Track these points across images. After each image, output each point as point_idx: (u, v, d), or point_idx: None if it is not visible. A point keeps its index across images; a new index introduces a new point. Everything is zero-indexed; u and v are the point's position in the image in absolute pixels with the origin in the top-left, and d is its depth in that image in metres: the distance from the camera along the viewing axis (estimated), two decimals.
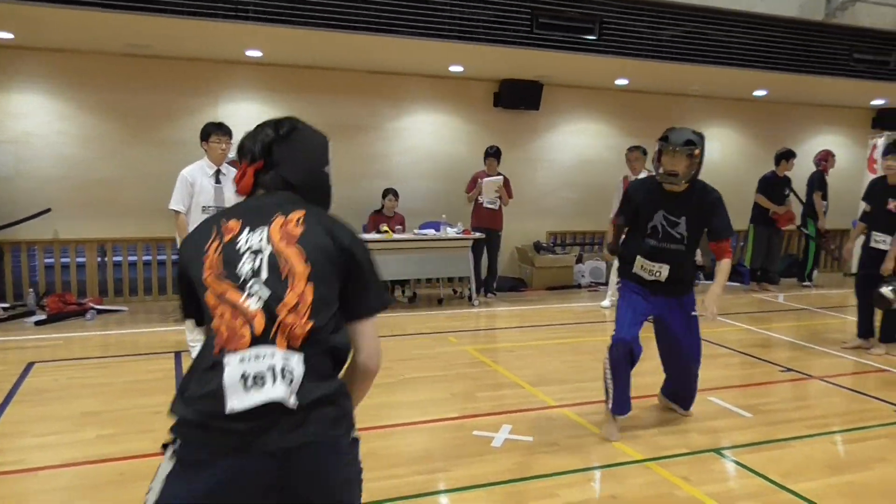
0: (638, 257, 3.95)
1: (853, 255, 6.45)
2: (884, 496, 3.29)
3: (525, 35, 7.15)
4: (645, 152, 8.18)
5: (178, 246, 1.76)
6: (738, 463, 3.66)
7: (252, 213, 1.73)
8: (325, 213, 1.79)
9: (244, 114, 8.11)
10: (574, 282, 9.37)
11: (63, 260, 7.66)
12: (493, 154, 8.18)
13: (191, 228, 4.35)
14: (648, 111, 10.08)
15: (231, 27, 6.41)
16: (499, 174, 8.24)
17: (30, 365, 5.21)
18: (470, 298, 8.05)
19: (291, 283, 1.63)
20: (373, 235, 7.58)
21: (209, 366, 1.58)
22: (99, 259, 7.72)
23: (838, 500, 3.24)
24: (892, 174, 5.78)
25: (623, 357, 3.94)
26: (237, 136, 7.68)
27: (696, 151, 3.68)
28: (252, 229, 1.70)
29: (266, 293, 1.62)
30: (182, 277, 1.76)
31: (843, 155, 10.98)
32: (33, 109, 7.49)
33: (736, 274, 9.52)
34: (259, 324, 1.59)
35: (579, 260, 9.52)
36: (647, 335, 4.18)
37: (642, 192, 3.95)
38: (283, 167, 1.81)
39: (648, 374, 5.37)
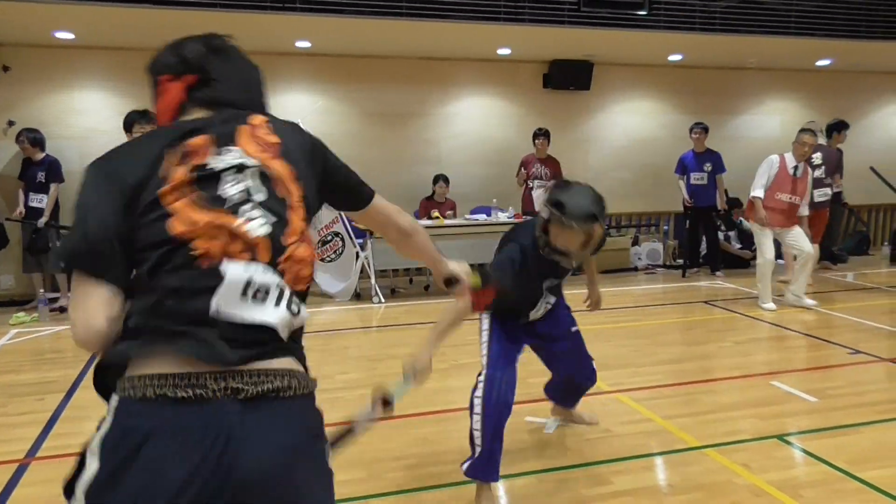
0: (525, 311, 3.22)
1: None
2: None
3: (573, 13, 7.01)
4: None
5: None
6: (802, 450, 3.52)
7: (209, 126, 1.39)
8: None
9: (295, 105, 8.19)
10: (630, 264, 9.19)
11: None
12: (543, 135, 8.08)
13: None
14: (704, 87, 9.77)
15: (279, 19, 6.47)
16: (549, 157, 8.15)
17: None
18: None
19: (291, 205, 1.37)
20: (424, 222, 7.58)
21: (197, 284, 1.27)
22: None
23: None
24: None
25: (504, 405, 3.00)
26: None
27: (597, 229, 2.66)
28: (222, 143, 1.37)
29: (271, 218, 1.33)
30: (109, 208, 1.29)
31: None
32: (95, 106, 7.75)
33: None
34: (264, 253, 1.31)
35: (635, 242, 9.32)
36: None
37: (532, 263, 2.94)
38: (221, 84, 1.46)
39: (709, 357, 5.23)
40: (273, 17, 6.37)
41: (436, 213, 7.70)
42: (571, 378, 3.52)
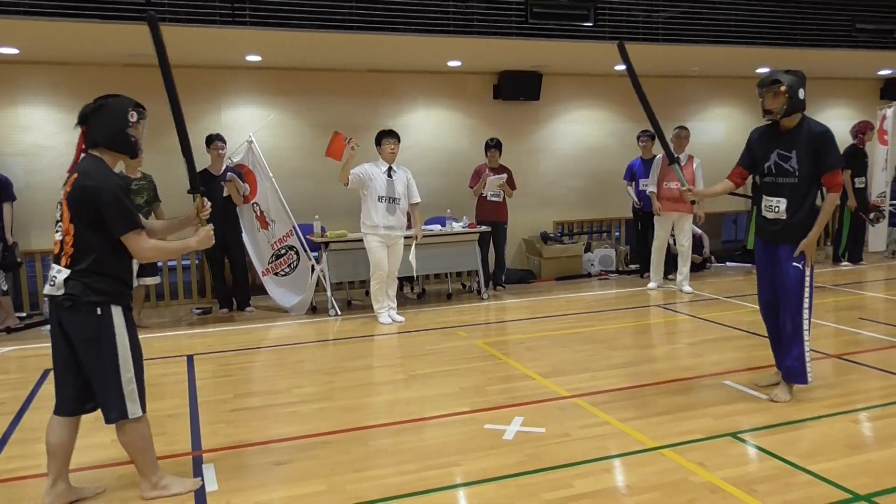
0: (763, 196, 4.24)
1: None
2: None
3: (520, 26, 7.12)
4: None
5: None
6: (754, 446, 3.62)
7: (70, 178, 3.03)
8: (93, 170, 2.99)
9: (247, 118, 8.11)
10: (583, 271, 9.32)
11: None
12: (494, 146, 8.16)
13: (372, 214, 6.52)
14: (650, 95, 9.86)
15: (229, 33, 6.41)
16: (502, 167, 8.22)
17: (46, 371, 5.23)
18: (479, 292, 8.02)
19: (65, 224, 2.98)
20: None
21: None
22: None
23: (860, 479, 3.19)
24: None
25: None
26: (239, 140, 7.48)
27: (782, 88, 3.98)
28: (64, 187, 3.03)
29: (61, 231, 3.01)
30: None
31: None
32: (41, 122, 7.56)
33: (748, 254, 9.45)
34: (56, 248, 3.04)
35: (588, 249, 9.46)
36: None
37: (758, 136, 4.34)
38: (92, 131, 3.06)
39: (663, 359, 5.33)
40: (223, 31, 6.31)
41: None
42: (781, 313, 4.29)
